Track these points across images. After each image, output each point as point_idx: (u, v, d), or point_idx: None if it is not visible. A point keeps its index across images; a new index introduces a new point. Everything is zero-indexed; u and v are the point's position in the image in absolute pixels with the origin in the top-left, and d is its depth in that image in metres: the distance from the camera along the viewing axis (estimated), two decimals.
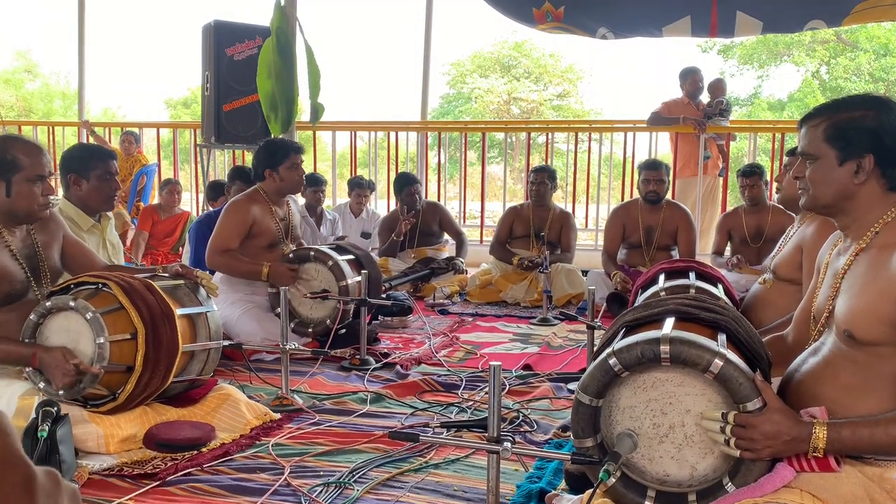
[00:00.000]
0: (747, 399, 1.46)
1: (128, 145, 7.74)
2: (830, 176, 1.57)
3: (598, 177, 7.93)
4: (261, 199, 3.69)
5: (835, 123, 1.57)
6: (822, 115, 1.60)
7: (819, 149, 1.58)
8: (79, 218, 2.97)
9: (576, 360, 3.55)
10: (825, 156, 1.58)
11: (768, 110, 21.24)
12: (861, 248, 1.56)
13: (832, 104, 1.62)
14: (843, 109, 1.58)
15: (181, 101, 26.42)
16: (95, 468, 2.12)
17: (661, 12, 6.05)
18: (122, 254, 3.26)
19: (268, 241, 3.68)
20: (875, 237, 1.55)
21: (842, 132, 1.55)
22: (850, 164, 1.55)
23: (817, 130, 1.59)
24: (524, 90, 24.53)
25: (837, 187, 1.57)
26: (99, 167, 2.95)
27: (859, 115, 1.55)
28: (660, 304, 1.80)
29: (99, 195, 2.97)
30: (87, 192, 2.96)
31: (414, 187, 5.64)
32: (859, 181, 1.55)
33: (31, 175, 2.33)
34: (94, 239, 3.02)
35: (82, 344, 2.24)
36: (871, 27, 18.83)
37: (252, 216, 3.62)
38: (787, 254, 2.68)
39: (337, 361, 3.40)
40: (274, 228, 3.70)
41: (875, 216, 1.56)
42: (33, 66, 26.78)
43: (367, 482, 2.12)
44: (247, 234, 3.62)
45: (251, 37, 5.69)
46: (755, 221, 4.70)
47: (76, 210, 2.98)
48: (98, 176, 2.95)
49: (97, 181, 2.95)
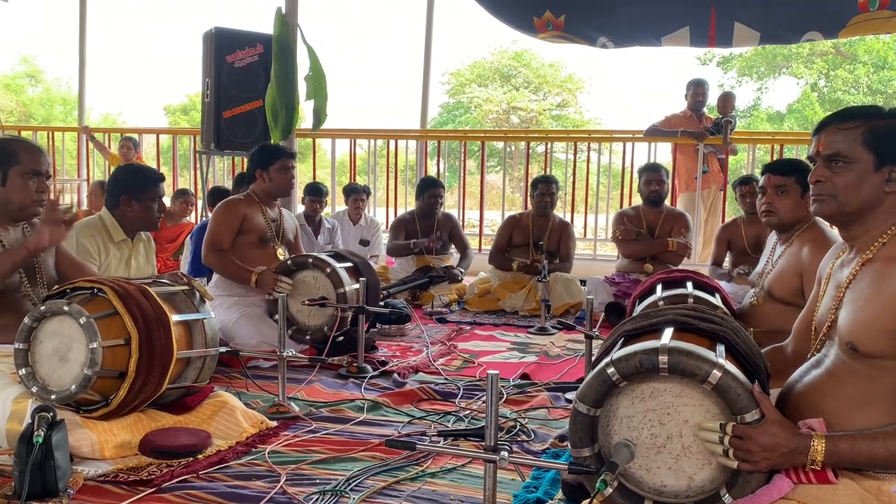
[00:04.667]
0: (745, 410, 1.46)
1: (126, 151, 7.75)
2: (864, 180, 1.55)
3: (596, 186, 7.94)
4: (252, 199, 3.85)
5: (875, 128, 1.55)
6: (859, 118, 1.57)
7: (855, 152, 1.56)
8: (113, 228, 3.07)
9: (574, 370, 3.54)
10: (861, 160, 1.55)
11: (767, 122, 21.30)
12: (867, 259, 1.56)
13: (870, 109, 1.60)
14: (881, 115, 1.57)
15: (179, 107, 26.45)
16: (90, 474, 2.11)
17: (660, 22, 6.09)
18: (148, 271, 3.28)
19: (257, 237, 3.79)
20: (881, 249, 1.55)
21: (882, 137, 1.54)
22: (886, 170, 1.54)
23: (854, 133, 1.56)
24: (523, 100, 24.59)
25: (869, 193, 1.55)
26: (151, 191, 3.07)
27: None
28: (659, 314, 1.80)
29: (147, 217, 3.10)
30: (136, 212, 3.08)
31: (438, 190, 5.68)
32: (890, 189, 1.54)
33: (27, 170, 2.45)
34: (120, 254, 3.11)
35: (75, 349, 2.23)
36: (870, 40, 18.93)
37: (242, 213, 3.76)
38: (783, 276, 2.67)
39: (334, 369, 3.39)
40: (264, 226, 3.82)
41: (884, 228, 1.56)
42: (38, 71, 26.83)
43: (364, 490, 2.11)
44: (238, 231, 3.73)
45: (252, 44, 5.71)
46: (754, 232, 4.70)
47: (113, 221, 3.08)
48: (150, 199, 3.07)
49: (142, 206, 3.06)
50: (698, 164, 6.39)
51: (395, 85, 44.15)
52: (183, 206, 6.58)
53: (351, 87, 38.32)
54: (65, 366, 2.24)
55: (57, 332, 2.26)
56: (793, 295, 2.59)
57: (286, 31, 5.49)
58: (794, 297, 2.58)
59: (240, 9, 36.21)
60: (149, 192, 3.07)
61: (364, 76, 42.29)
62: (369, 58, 44.43)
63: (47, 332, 2.27)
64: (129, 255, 3.16)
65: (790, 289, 2.61)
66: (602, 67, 40.09)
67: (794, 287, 2.59)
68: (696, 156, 6.42)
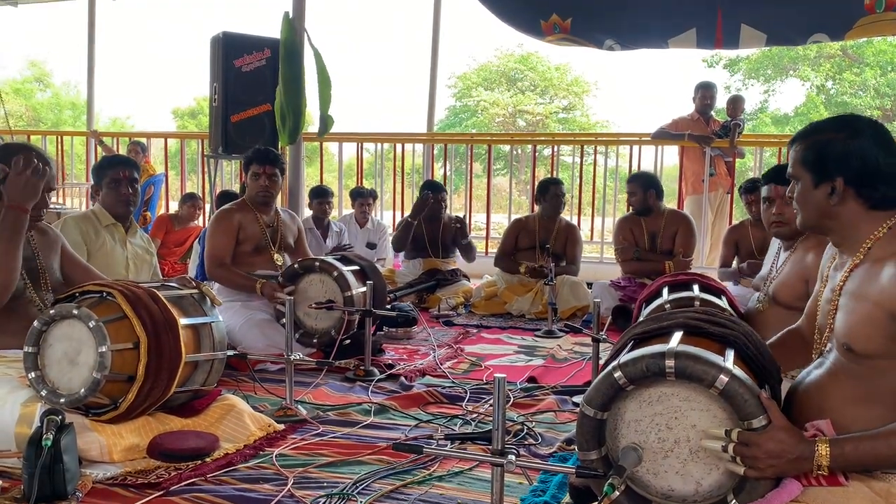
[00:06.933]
0: (752, 416, 1.46)
1: (134, 155, 7.77)
2: (808, 197, 1.62)
3: (603, 189, 7.93)
4: (245, 206, 3.83)
5: (808, 146, 1.62)
6: (801, 138, 1.65)
7: (798, 171, 1.64)
8: (101, 215, 3.23)
9: (580, 373, 3.53)
10: (803, 178, 1.63)
11: (773, 125, 21.24)
12: (856, 263, 1.59)
13: (809, 128, 1.67)
14: (815, 133, 1.63)
15: (188, 110, 26.56)
16: (99, 477, 2.12)
17: (667, 24, 6.07)
18: (149, 267, 3.35)
19: (252, 246, 3.79)
20: (868, 252, 1.57)
21: (813, 155, 1.60)
22: (825, 187, 1.59)
23: (796, 153, 1.65)
24: (530, 103, 24.58)
25: (816, 208, 1.62)
26: (108, 175, 3.22)
27: (829, 139, 1.59)
28: (669, 318, 1.79)
29: (110, 200, 3.23)
30: (102, 198, 3.25)
31: (441, 195, 5.65)
32: (834, 202, 1.58)
33: None
34: (112, 237, 3.22)
35: (84, 352, 2.24)
36: (877, 42, 18.85)
37: (237, 222, 3.75)
38: (789, 281, 2.66)
39: (341, 372, 3.39)
40: (259, 233, 3.80)
41: (865, 233, 1.58)
42: (46, 75, 26.99)
43: (371, 494, 2.11)
44: (235, 241, 3.74)
45: (259, 48, 5.73)
46: (761, 234, 4.67)
47: (101, 209, 3.26)
48: (107, 184, 3.21)
49: (107, 188, 3.22)
50: (705, 168, 6.38)
51: (401, 84, 44.27)
52: (191, 209, 6.63)
53: (356, 86, 38.43)
54: (74, 369, 2.25)
55: (66, 335, 2.27)
56: (798, 300, 2.58)
57: (294, 35, 5.50)
58: (799, 302, 2.57)
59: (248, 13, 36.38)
60: (107, 175, 3.20)
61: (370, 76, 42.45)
62: (375, 57, 44.62)
63: (57, 335, 2.28)
64: (123, 238, 3.26)
65: (795, 294, 2.60)
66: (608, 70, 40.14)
67: (799, 293, 2.59)
68: (703, 159, 6.41)
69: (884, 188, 1.55)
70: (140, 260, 3.30)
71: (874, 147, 1.56)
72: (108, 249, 3.18)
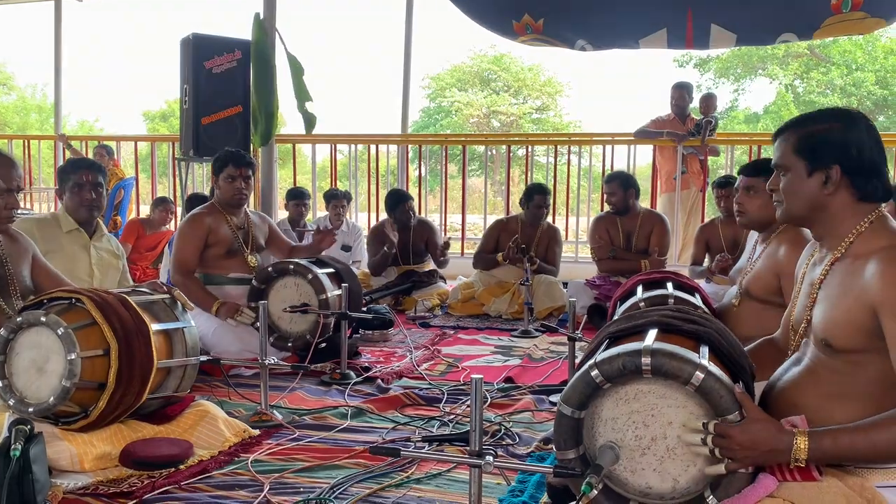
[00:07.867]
0: (728, 412, 1.46)
1: (100, 158, 7.65)
2: (801, 187, 1.62)
3: (577, 189, 7.96)
4: (215, 209, 3.78)
5: (803, 135, 1.62)
6: (793, 127, 1.65)
7: (789, 160, 1.63)
8: (63, 220, 3.15)
9: (557, 373, 3.55)
10: (795, 167, 1.62)
11: (744, 123, 21.53)
12: (836, 257, 1.60)
13: (802, 117, 1.67)
14: (811, 122, 1.63)
15: (159, 113, 26.23)
16: (70, 487, 2.08)
17: (638, 25, 6.13)
18: (116, 272, 3.28)
19: (224, 249, 3.74)
20: (849, 247, 1.58)
21: (809, 143, 1.60)
22: (819, 175, 1.59)
23: (788, 142, 1.64)
24: (504, 103, 24.66)
25: (808, 198, 1.61)
26: (71, 178, 3.15)
27: (827, 128, 1.60)
28: (644, 316, 1.80)
29: (72, 204, 3.15)
30: (66, 202, 3.18)
31: (407, 204, 5.60)
32: (828, 192, 1.59)
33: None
34: (75, 242, 3.14)
35: (53, 360, 2.20)
36: (843, 41, 19.20)
37: (206, 226, 3.69)
38: (760, 276, 2.69)
39: (317, 376, 3.37)
40: (230, 236, 3.75)
41: (848, 226, 1.59)
42: (8, 78, 26.48)
43: (348, 498, 2.10)
44: (205, 245, 3.67)
45: (230, 50, 5.66)
46: (731, 232, 4.73)
47: (64, 214, 3.17)
48: (70, 187, 3.14)
49: (70, 192, 3.15)
50: (677, 166, 6.44)
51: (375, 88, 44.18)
52: (163, 214, 6.54)
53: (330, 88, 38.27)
54: (42, 377, 2.21)
55: (34, 343, 2.23)
56: (770, 294, 2.61)
57: (265, 36, 5.46)
58: (770, 296, 2.61)
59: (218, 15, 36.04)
60: (70, 178, 3.13)
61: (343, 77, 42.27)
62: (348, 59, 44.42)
63: (24, 343, 2.24)
64: (87, 243, 3.17)
65: (767, 288, 2.63)
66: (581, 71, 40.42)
67: (770, 286, 2.62)
68: (676, 157, 6.47)
69: (875, 180, 1.57)
70: (105, 265, 3.22)
71: (868, 138, 1.58)
72: (70, 255, 3.09)
